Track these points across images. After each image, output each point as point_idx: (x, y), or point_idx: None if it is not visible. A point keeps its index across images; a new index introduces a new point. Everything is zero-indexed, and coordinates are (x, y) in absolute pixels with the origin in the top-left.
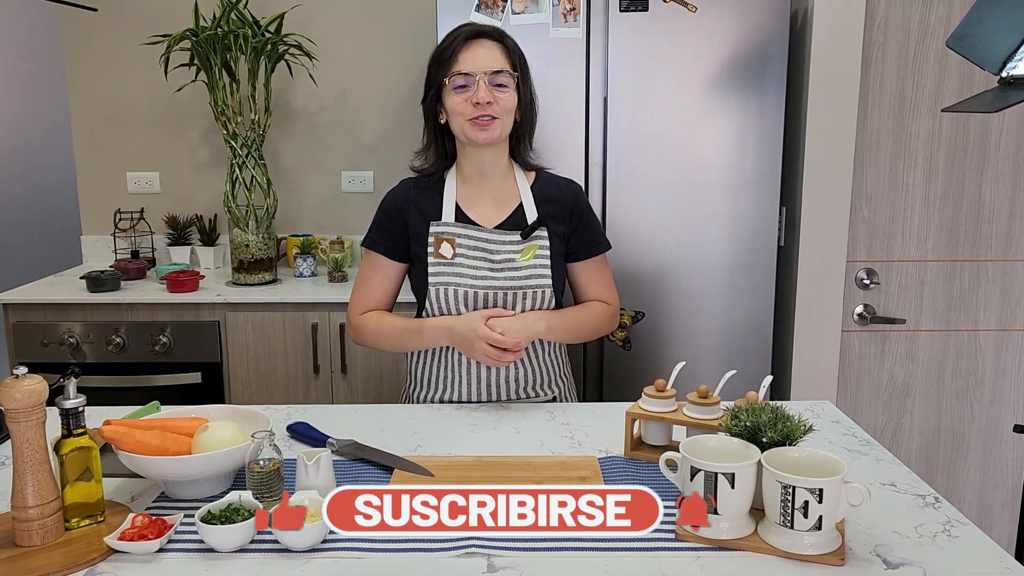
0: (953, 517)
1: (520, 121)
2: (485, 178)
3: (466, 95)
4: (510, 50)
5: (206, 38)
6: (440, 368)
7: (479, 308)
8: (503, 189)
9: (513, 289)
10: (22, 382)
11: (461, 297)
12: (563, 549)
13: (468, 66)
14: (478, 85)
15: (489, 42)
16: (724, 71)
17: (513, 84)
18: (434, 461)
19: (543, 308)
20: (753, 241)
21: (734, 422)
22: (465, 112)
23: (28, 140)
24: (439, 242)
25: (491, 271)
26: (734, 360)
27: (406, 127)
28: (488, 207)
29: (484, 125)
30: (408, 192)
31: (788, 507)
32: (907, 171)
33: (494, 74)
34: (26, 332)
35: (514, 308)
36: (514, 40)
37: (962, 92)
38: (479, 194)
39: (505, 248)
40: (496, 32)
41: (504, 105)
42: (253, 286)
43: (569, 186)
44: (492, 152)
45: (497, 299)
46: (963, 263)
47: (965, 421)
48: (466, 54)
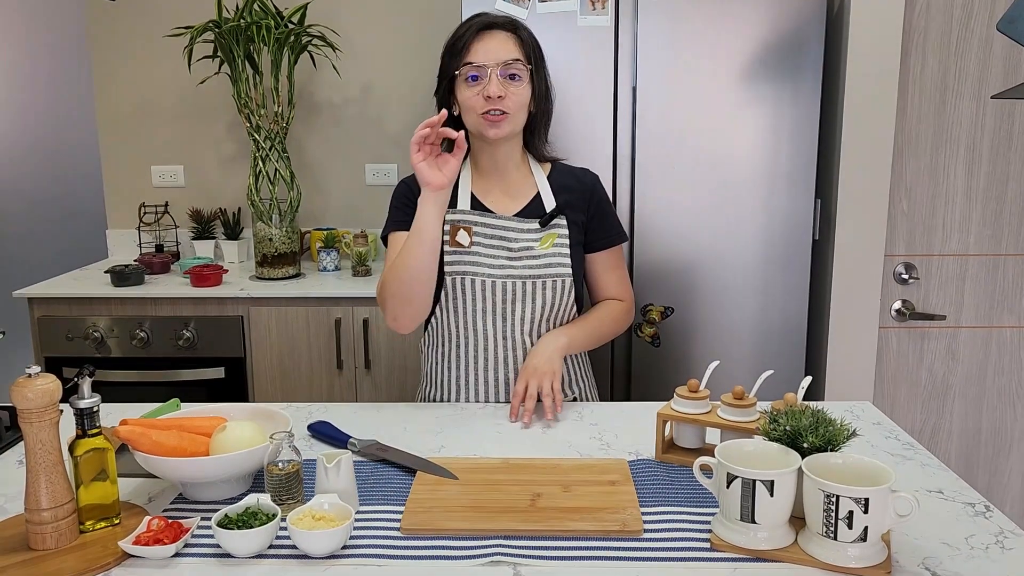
0: (1006, 528)
1: (534, 113)
2: (500, 170)
3: (478, 88)
4: (524, 41)
5: (229, 29)
6: (454, 369)
7: (496, 298)
8: (519, 180)
9: (532, 278)
10: (35, 381)
11: (479, 287)
12: (594, 558)
13: (480, 57)
14: (490, 78)
15: (502, 33)
16: (757, 59)
17: (526, 76)
18: (458, 463)
19: (562, 299)
20: (787, 235)
21: (773, 426)
22: (477, 106)
23: (55, 134)
24: (455, 230)
25: (509, 260)
26: (767, 358)
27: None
28: (504, 197)
29: (495, 120)
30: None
31: (831, 517)
32: (948, 162)
33: (506, 65)
34: (51, 326)
35: (533, 298)
36: (529, 31)
37: (1007, 79)
38: (494, 185)
39: (524, 236)
40: (510, 23)
41: (516, 99)
42: (277, 280)
43: (586, 175)
44: (506, 145)
45: (516, 288)
46: (1007, 257)
47: (1007, 421)
48: (478, 45)
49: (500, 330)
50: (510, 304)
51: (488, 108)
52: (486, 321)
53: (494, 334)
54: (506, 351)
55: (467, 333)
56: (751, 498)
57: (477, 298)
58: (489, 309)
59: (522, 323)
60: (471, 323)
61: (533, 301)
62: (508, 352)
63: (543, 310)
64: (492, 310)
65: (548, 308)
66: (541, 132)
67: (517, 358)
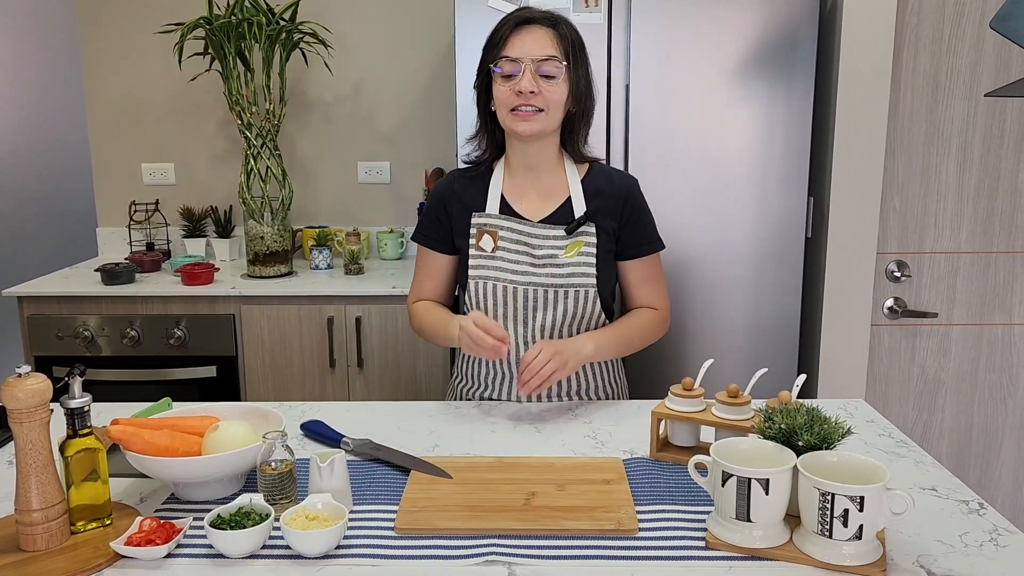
0: (1000, 525)
1: (573, 112)
2: (531, 170)
3: (511, 83)
4: (563, 37)
5: (220, 26)
6: (484, 363)
7: (518, 304)
8: (551, 182)
9: (554, 287)
10: (25, 381)
11: (500, 292)
12: (589, 557)
13: (515, 51)
14: (523, 73)
15: (540, 28)
16: (750, 57)
17: (563, 74)
18: (452, 462)
19: (585, 309)
20: (780, 233)
21: (768, 424)
22: (508, 101)
23: (44, 132)
24: (480, 234)
25: (532, 266)
26: (760, 355)
27: (423, 117)
28: (535, 200)
29: (526, 116)
30: (453, 184)
31: (827, 515)
32: (940, 160)
33: (541, 62)
34: (41, 325)
35: (555, 306)
36: (572, 26)
37: (999, 77)
38: (525, 186)
39: (548, 243)
40: (550, 18)
41: (551, 97)
42: (268, 279)
43: (623, 180)
44: (538, 144)
45: (537, 296)
46: (998, 255)
47: (998, 418)
48: (515, 39)
49: (521, 335)
50: (531, 311)
51: (519, 104)
52: (507, 326)
53: (515, 339)
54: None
55: None
56: (746, 496)
57: (499, 303)
58: (510, 314)
59: (543, 330)
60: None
61: (555, 309)
62: None
63: (564, 318)
64: (513, 315)
65: (570, 317)
66: (580, 131)
67: None
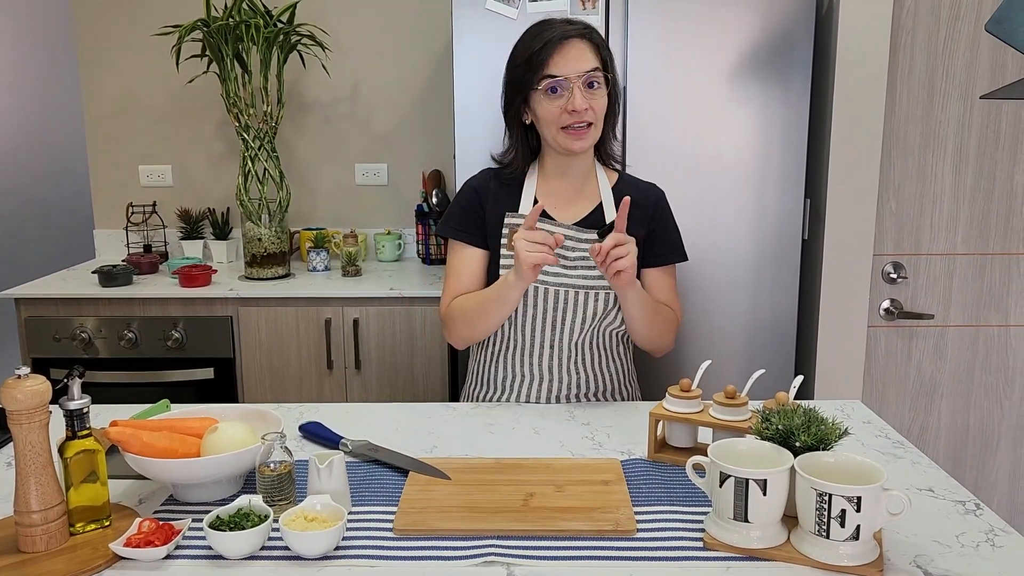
0: (996, 525)
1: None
2: (567, 176)
3: (560, 102)
4: (599, 47)
5: (217, 28)
6: (501, 369)
7: (548, 305)
8: (584, 187)
9: (584, 288)
10: (24, 382)
11: (531, 293)
12: (587, 558)
13: (560, 69)
14: (573, 91)
15: (580, 43)
16: (747, 59)
17: (605, 84)
18: (451, 463)
19: (612, 309)
20: (777, 234)
21: (765, 425)
22: (560, 120)
23: (41, 134)
24: (513, 234)
25: (563, 268)
26: (756, 357)
27: (421, 119)
28: (567, 205)
29: (580, 134)
30: (488, 182)
31: (824, 516)
32: (936, 161)
33: (587, 75)
34: (38, 327)
35: (584, 307)
36: (599, 33)
37: (994, 79)
38: (559, 191)
39: (581, 246)
40: (583, 30)
41: (597, 109)
42: (266, 280)
43: (652, 190)
44: (582, 154)
45: (568, 297)
46: (994, 256)
47: (994, 419)
48: (558, 57)
49: (548, 338)
50: (560, 312)
51: (572, 121)
52: (535, 327)
53: (541, 341)
54: (551, 360)
55: (516, 337)
56: (744, 497)
57: (528, 304)
58: (539, 316)
59: (571, 333)
60: (520, 328)
61: (584, 310)
62: (554, 361)
63: (592, 319)
64: (543, 317)
65: (598, 319)
66: (611, 132)
67: (562, 367)
